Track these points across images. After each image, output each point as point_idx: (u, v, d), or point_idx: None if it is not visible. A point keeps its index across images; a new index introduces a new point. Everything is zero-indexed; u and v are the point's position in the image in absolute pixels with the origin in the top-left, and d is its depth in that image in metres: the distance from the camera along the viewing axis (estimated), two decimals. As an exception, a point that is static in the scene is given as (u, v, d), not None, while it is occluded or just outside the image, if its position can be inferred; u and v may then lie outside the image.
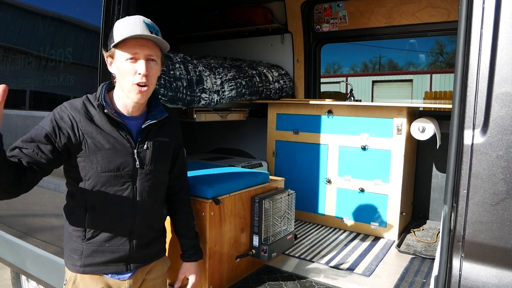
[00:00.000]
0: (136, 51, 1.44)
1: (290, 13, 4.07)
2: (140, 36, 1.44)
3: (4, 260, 2.93)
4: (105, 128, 1.49)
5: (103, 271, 1.56)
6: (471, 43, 1.24)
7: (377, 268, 2.57)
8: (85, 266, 1.54)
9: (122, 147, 1.51)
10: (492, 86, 1.21)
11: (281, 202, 2.50)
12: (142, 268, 1.67)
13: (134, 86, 1.46)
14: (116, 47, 1.45)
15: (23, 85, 2.69)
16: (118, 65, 1.47)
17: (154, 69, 1.50)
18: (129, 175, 1.52)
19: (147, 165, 1.56)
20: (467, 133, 1.25)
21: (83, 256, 1.53)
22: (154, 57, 1.49)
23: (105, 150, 1.47)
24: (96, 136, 1.47)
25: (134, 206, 1.55)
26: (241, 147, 4.49)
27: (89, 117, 1.48)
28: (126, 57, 1.44)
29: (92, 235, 1.52)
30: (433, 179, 3.52)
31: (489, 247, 1.22)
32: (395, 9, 3.59)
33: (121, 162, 1.50)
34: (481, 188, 1.22)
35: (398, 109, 3.02)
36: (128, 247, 1.57)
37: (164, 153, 1.65)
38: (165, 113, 1.63)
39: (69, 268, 1.57)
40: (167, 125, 1.68)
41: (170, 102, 2.72)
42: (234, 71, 3.42)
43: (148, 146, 1.57)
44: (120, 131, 1.51)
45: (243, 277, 2.38)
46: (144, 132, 1.57)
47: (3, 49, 2.83)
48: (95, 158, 1.46)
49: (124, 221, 1.55)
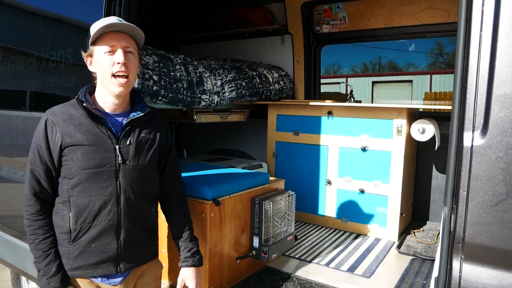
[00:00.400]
0: (113, 44, 1.50)
1: (290, 14, 4.08)
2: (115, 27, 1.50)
3: (4, 261, 2.93)
4: (85, 125, 1.52)
5: (93, 274, 1.54)
6: (470, 45, 1.25)
7: (377, 269, 2.57)
8: (74, 269, 1.52)
9: (102, 143, 1.52)
10: (491, 88, 1.21)
11: (281, 203, 2.51)
12: (134, 272, 1.64)
13: (113, 79, 1.50)
14: (94, 44, 1.51)
15: (24, 86, 2.70)
16: (97, 60, 1.52)
17: (132, 61, 1.55)
18: (111, 171, 1.53)
19: (130, 160, 1.56)
20: (467, 135, 1.25)
21: (70, 259, 1.52)
22: (131, 49, 1.55)
23: (84, 147, 1.49)
24: (75, 135, 1.50)
25: (118, 203, 1.54)
26: (241, 148, 4.49)
27: (69, 117, 1.52)
28: (104, 51, 1.50)
29: (77, 236, 1.51)
30: (433, 180, 3.52)
31: (489, 248, 1.22)
32: (395, 10, 3.60)
33: (102, 158, 1.51)
34: (480, 190, 1.23)
35: (398, 110, 3.03)
36: (115, 246, 1.55)
37: (149, 149, 1.64)
38: (147, 109, 1.65)
39: None
40: (153, 123, 1.68)
41: (171, 103, 2.72)
42: (234, 72, 3.43)
43: (131, 142, 1.58)
44: (101, 128, 1.53)
45: (243, 278, 2.39)
46: (127, 127, 1.58)
47: (3, 50, 2.83)
48: (75, 156, 1.49)
49: (109, 219, 1.53)
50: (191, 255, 1.76)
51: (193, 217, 2.13)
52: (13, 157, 2.76)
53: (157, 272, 1.77)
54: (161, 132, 1.71)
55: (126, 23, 1.52)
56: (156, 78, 2.57)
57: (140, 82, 2.45)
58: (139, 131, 1.61)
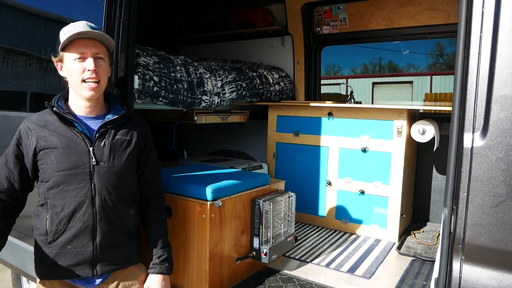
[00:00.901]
0: (83, 51, 1.53)
1: (291, 15, 4.08)
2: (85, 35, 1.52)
3: (5, 262, 2.93)
4: (59, 130, 1.55)
5: (69, 276, 1.56)
6: (470, 47, 1.25)
7: (378, 270, 2.57)
8: (50, 272, 1.55)
9: (76, 146, 1.55)
10: (491, 89, 1.21)
11: (281, 204, 2.51)
12: (114, 275, 1.64)
13: (84, 84, 1.53)
14: (64, 50, 1.53)
15: (24, 87, 2.70)
16: (68, 66, 1.54)
17: (102, 67, 1.58)
18: (85, 172, 1.54)
19: (105, 161, 1.57)
20: (467, 136, 1.26)
21: (46, 261, 1.54)
22: (102, 55, 1.57)
23: (58, 150, 1.53)
24: (49, 138, 1.53)
25: (93, 204, 1.55)
26: (241, 149, 4.49)
27: (43, 123, 1.56)
28: (74, 57, 1.52)
29: (53, 238, 1.53)
30: (433, 181, 3.52)
31: (489, 249, 1.22)
32: (395, 11, 3.60)
33: (76, 160, 1.54)
34: (481, 191, 1.23)
35: (398, 111, 3.03)
36: (91, 248, 1.55)
37: (124, 151, 1.64)
38: (122, 111, 1.66)
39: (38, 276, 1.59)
40: (130, 125, 1.69)
41: (171, 104, 2.72)
42: (235, 73, 3.43)
43: (106, 144, 1.59)
44: (74, 131, 1.56)
45: (243, 279, 2.38)
46: (101, 129, 1.60)
47: (4, 51, 2.84)
48: (49, 159, 1.52)
49: (84, 220, 1.54)
50: (160, 262, 1.71)
51: (193, 218, 2.14)
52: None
53: (140, 276, 1.73)
54: (139, 134, 1.71)
55: (96, 32, 1.55)
56: (156, 79, 2.57)
57: (141, 83, 2.45)
58: (114, 133, 1.62)
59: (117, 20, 2.01)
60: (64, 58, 1.55)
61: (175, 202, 2.21)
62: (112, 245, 1.61)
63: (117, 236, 1.62)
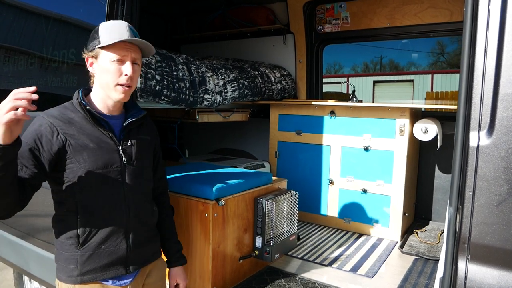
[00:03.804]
0: (124, 54, 1.49)
1: (292, 14, 4.07)
2: (130, 41, 1.49)
3: (7, 261, 2.93)
4: (86, 128, 1.50)
5: (103, 277, 1.53)
6: (476, 45, 1.24)
7: (380, 269, 2.56)
8: (83, 274, 1.49)
9: (106, 145, 1.52)
10: (498, 87, 1.20)
11: (284, 203, 2.50)
12: (142, 271, 1.65)
13: (117, 87, 1.50)
14: (103, 49, 1.49)
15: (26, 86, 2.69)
16: (103, 66, 1.50)
17: (137, 72, 1.56)
18: (117, 171, 1.53)
19: (134, 160, 1.57)
20: (473, 134, 1.25)
21: (79, 264, 1.49)
22: (138, 61, 1.55)
23: (90, 149, 1.48)
24: (79, 137, 1.48)
25: (126, 203, 1.54)
26: (243, 148, 4.49)
27: (68, 120, 1.49)
28: (113, 59, 1.48)
29: (86, 239, 1.49)
30: (435, 180, 3.51)
31: (494, 249, 1.21)
32: (397, 9, 3.59)
33: (108, 158, 1.51)
34: (486, 190, 1.22)
35: (400, 110, 3.02)
36: (125, 247, 1.55)
37: (147, 151, 1.67)
38: (143, 112, 1.66)
39: (65, 280, 1.52)
40: (146, 125, 1.70)
41: (173, 103, 2.72)
42: (237, 72, 3.42)
43: (132, 143, 1.59)
44: (102, 130, 1.53)
45: (246, 278, 2.38)
46: (126, 129, 1.59)
47: (6, 50, 2.83)
48: (81, 158, 1.47)
49: (118, 219, 1.53)
50: (180, 255, 1.84)
51: (196, 217, 2.14)
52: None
53: (162, 271, 1.78)
54: (153, 134, 1.74)
55: (142, 41, 1.51)
56: (158, 77, 2.57)
57: (143, 81, 2.45)
58: (137, 133, 1.63)
59: (119, 19, 2.00)
60: (100, 55, 1.49)
61: (178, 201, 2.21)
62: (142, 242, 1.63)
63: (146, 232, 1.65)
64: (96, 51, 1.50)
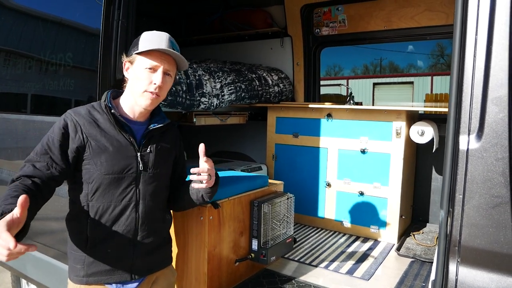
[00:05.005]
0: (157, 63, 1.50)
1: (290, 17, 4.09)
2: (164, 51, 1.51)
3: (4, 264, 2.94)
4: (109, 131, 1.51)
5: (107, 281, 1.54)
6: (466, 48, 1.25)
7: (377, 272, 2.57)
8: (89, 275, 1.51)
9: (126, 150, 1.53)
10: (487, 91, 1.21)
11: (280, 206, 2.51)
12: (148, 278, 1.65)
13: (146, 93, 1.51)
14: (139, 54, 1.51)
15: (24, 89, 2.71)
16: (136, 72, 1.52)
17: (168, 84, 1.56)
18: (132, 177, 1.54)
19: (150, 168, 1.58)
20: (463, 138, 1.26)
21: (85, 265, 1.51)
22: (171, 73, 1.56)
23: (109, 152, 1.49)
24: (100, 139, 1.49)
25: (137, 209, 1.55)
26: (241, 151, 4.50)
27: (93, 121, 1.51)
28: (146, 66, 1.50)
29: (93, 242, 1.50)
30: (432, 182, 3.52)
31: (485, 252, 1.22)
32: (394, 12, 3.60)
33: (125, 164, 1.52)
34: (476, 193, 1.23)
35: (397, 113, 3.03)
36: (131, 253, 1.55)
37: (166, 158, 1.67)
38: (167, 120, 1.67)
39: (72, 279, 1.55)
40: (169, 133, 1.71)
41: (170, 106, 2.73)
42: (234, 75, 3.44)
43: (152, 150, 1.59)
44: (124, 134, 1.53)
45: (242, 280, 2.39)
46: (147, 136, 1.59)
47: (4, 53, 2.85)
48: (99, 160, 1.48)
49: (127, 224, 1.53)
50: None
51: (192, 220, 2.14)
52: (13, 160, 2.77)
53: (170, 278, 1.77)
54: (176, 142, 1.75)
55: (177, 53, 1.53)
56: (155, 81, 2.57)
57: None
58: (158, 140, 1.63)
59: (115, 22, 2.01)
60: (135, 61, 1.52)
61: (174, 204, 2.21)
62: (150, 250, 1.62)
63: (155, 240, 1.63)
64: (133, 57, 1.52)
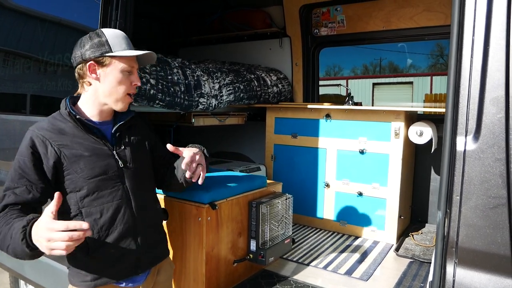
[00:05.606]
0: (133, 65, 1.55)
1: (289, 17, 4.08)
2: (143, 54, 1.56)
3: (3, 265, 2.94)
4: (79, 137, 1.50)
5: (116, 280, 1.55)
6: (463, 49, 1.25)
7: (375, 272, 2.56)
8: (96, 279, 1.51)
9: (101, 151, 1.53)
10: (484, 92, 1.21)
11: (278, 207, 2.50)
12: (152, 271, 1.69)
13: (127, 96, 1.56)
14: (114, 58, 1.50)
15: (22, 90, 2.71)
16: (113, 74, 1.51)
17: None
18: (116, 175, 1.54)
19: (130, 163, 1.59)
20: (460, 139, 1.26)
21: (91, 269, 1.51)
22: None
23: (85, 158, 1.49)
24: (72, 146, 1.47)
25: (130, 205, 1.56)
26: (239, 151, 4.50)
27: (59, 131, 1.49)
28: (125, 69, 1.52)
29: (95, 246, 1.49)
30: (431, 183, 3.52)
31: (482, 253, 1.22)
32: (392, 13, 3.60)
33: (104, 165, 1.52)
34: (474, 194, 1.23)
35: (396, 113, 3.03)
36: (135, 249, 1.56)
37: (142, 150, 1.70)
38: (131, 113, 1.68)
39: (79, 286, 1.53)
40: (136, 125, 1.72)
41: (168, 107, 2.73)
42: (232, 75, 3.43)
43: (125, 145, 1.61)
44: (94, 137, 1.54)
45: (240, 281, 2.38)
46: (117, 133, 1.60)
47: (2, 53, 2.84)
48: (78, 167, 1.47)
49: (125, 222, 1.54)
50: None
51: (190, 221, 2.14)
52: (11, 161, 2.76)
53: (170, 270, 1.81)
54: (146, 130, 1.77)
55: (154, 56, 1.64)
56: (153, 82, 2.57)
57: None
58: (129, 134, 1.65)
59: (113, 23, 2.01)
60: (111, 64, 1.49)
61: (172, 205, 2.21)
62: (151, 242, 1.65)
63: (153, 233, 1.68)
64: (105, 59, 1.49)
